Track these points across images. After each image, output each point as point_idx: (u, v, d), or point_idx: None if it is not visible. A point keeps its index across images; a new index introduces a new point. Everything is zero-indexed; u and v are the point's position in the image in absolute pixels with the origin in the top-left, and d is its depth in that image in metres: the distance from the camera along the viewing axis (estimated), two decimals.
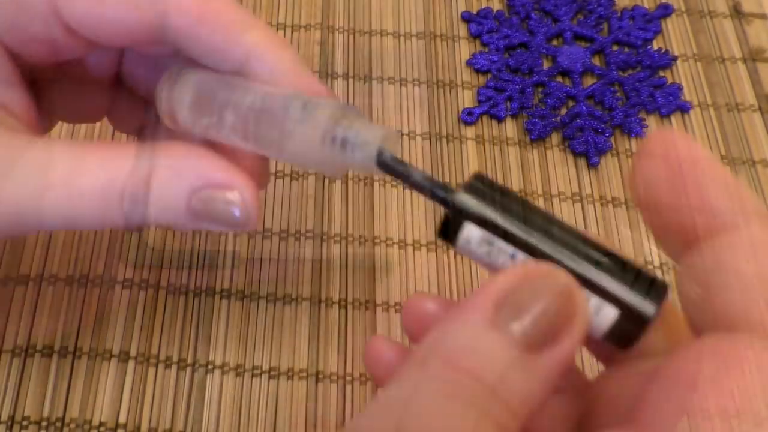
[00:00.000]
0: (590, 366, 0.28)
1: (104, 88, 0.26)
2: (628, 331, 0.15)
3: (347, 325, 0.29)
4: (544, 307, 0.14)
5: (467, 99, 0.35)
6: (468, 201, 0.16)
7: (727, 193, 0.15)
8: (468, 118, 0.34)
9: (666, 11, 0.38)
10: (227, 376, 0.28)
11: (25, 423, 0.27)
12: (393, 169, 0.18)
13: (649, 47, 0.37)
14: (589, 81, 0.36)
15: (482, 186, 0.16)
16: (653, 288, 0.15)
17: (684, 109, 0.35)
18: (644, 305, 0.15)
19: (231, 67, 0.21)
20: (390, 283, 0.30)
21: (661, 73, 0.36)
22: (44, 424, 0.27)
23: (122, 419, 0.27)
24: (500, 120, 0.34)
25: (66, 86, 0.25)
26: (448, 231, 0.16)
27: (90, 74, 0.25)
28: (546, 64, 0.36)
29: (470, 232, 0.16)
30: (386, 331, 0.29)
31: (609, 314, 0.15)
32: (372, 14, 0.37)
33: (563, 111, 0.35)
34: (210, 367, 0.28)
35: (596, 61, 0.37)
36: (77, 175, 0.19)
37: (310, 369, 0.28)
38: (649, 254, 0.31)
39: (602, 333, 0.15)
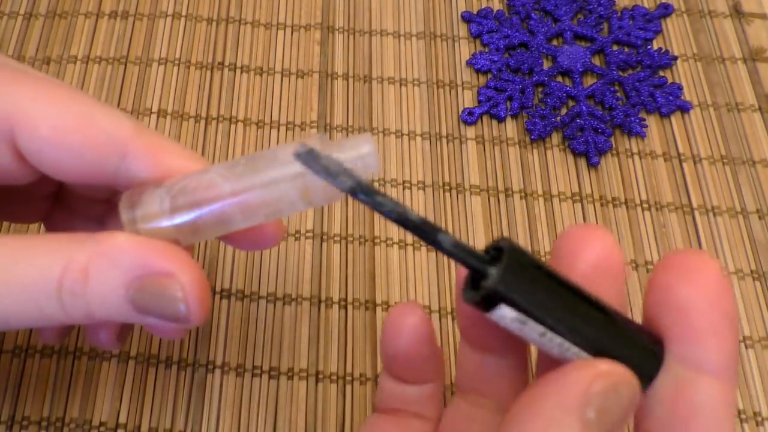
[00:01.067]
0: None
1: (45, 197, 0.24)
2: None
3: (347, 325, 0.29)
4: (626, 413, 0.15)
5: (467, 99, 0.35)
6: (504, 285, 0.15)
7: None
8: (468, 118, 0.34)
9: (666, 11, 0.38)
10: (228, 376, 0.28)
11: (25, 423, 0.27)
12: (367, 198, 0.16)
13: (649, 47, 0.37)
14: (589, 81, 0.36)
15: (517, 263, 0.16)
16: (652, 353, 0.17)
17: (684, 108, 0.35)
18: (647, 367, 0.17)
19: None
20: (390, 283, 0.30)
21: (662, 73, 0.36)
22: (44, 424, 0.27)
23: (122, 419, 0.27)
24: (500, 120, 0.34)
25: (2, 192, 0.23)
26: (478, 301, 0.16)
27: (30, 188, 0.23)
28: (546, 64, 0.36)
29: (504, 311, 0.16)
30: None
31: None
32: (372, 14, 0.37)
33: (563, 111, 0.35)
34: (210, 367, 0.28)
35: (596, 60, 0.37)
36: (9, 268, 0.18)
37: (310, 369, 0.28)
38: (649, 254, 0.31)
39: None
